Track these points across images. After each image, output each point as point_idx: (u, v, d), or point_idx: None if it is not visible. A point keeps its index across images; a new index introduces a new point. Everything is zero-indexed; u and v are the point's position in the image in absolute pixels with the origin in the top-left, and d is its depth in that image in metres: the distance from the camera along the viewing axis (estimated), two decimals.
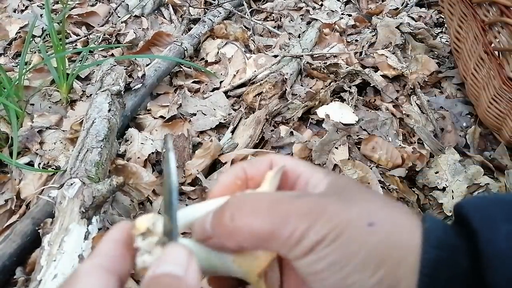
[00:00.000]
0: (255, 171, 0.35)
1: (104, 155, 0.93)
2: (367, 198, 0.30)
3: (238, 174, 0.35)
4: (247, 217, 0.28)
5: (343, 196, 0.30)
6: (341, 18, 1.76)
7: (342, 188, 0.31)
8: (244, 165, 0.35)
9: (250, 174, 0.35)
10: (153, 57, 1.45)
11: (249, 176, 0.35)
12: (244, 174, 0.35)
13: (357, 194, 0.30)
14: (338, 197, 0.30)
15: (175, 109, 1.23)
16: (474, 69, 1.19)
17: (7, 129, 1.12)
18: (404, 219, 0.29)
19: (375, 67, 1.45)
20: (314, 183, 0.33)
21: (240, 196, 0.31)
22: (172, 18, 1.77)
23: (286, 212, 0.28)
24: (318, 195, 0.31)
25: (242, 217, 0.28)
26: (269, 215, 0.28)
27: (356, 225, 0.27)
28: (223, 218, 0.29)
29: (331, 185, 0.32)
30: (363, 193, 0.31)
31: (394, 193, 1.01)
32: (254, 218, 0.28)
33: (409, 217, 0.29)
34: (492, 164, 1.08)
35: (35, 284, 0.68)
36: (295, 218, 0.27)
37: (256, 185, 0.34)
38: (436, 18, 1.75)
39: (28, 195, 0.98)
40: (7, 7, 1.73)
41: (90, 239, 0.77)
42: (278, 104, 1.24)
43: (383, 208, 0.29)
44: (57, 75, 1.24)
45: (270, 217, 0.28)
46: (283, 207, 0.28)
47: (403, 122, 1.25)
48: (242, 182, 0.34)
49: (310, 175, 0.33)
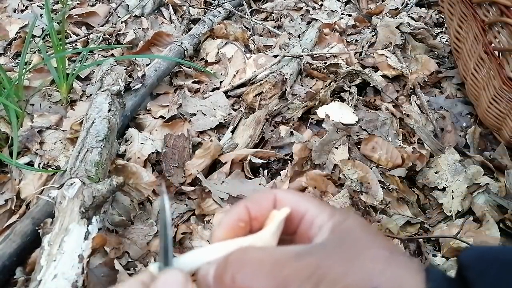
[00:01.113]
0: (259, 210, 0.35)
1: (104, 155, 0.93)
2: (371, 255, 0.30)
3: (241, 215, 0.35)
4: (248, 279, 0.29)
5: (346, 251, 0.30)
6: (341, 18, 1.76)
7: (346, 237, 0.31)
8: (248, 204, 0.35)
9: (254, 214, 0.35)
10: (153, 57, 1.45)
11: (253, 216, 0.35)
12: (247, 215, 0.35)
13: (361, 248, 0.30)
14: (341, 254, 0.29)
15: (175, 109, 1.23)
16: (474, 69, 1.19)
17: (7, 129, 1.12)
18: (408, 279, 0.29)
19: (375, 67, 1.45)
20: (318, 225, 0.33)
21: (242, 254, 0.31)
22: (172, 18, 1.77)
23: (287, 277, 0.28)
24: (319, 252, 0.30)
25: (243, 279, 0.29)
26: (270, 279, 0.28)
27: None
28: (224, 278, 0.29)
29: (334, 231, 0.32)
30: (369, 242, 0.31)
31: (394, 193, 1.01)
32: (255, 282, 0.29)
33: (413, 276, 0.29)
34: (492, 164, 1.08)
35: (35, 284, 0.68)
36: (296, 283, 0.28)
37: (260, 224, 0.35)
38: (436, 18, 1.75)
39: (28, 195, 0.98)
40: (7, 7, 1.73)
41: (90, 239, 0.77)
42: (278, 104, 1.24)
43: (388, 267, 0.29)
44: (57, 75, 1.24)
45: (271, 282, 0.28)
46: (284, 270, 0.28)
47: (403, 122, 1.25)
48: (246, 224, 0.35)
49: (315, 215, 0.33)
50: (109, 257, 0.84)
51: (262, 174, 1.07)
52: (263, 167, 1.09)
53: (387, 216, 0.97)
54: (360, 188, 1.01)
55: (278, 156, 1.10)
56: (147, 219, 0.95)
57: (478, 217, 0.97)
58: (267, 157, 1.10)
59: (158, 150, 1.09)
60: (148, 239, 0.91)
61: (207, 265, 0.31)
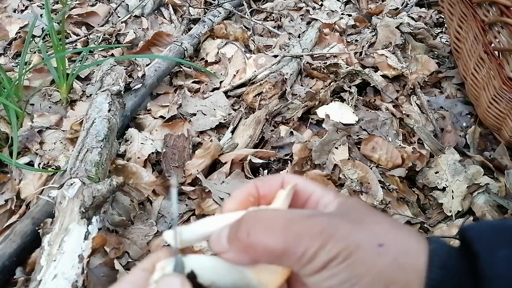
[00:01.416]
0: (267, 189, 0.36)
1: (104, 155, 0.93)
2: (376, 220, 0.31)
3: (251, 191, 0.36)
4: (262, 233, 0.30)
5: (353, 218, 0.31)
6: (341, 18, 1.76)
7: (352, 209, 0.33)
8: (257, 183, 0.37)
9: (262, 192, 0.36)
10: (153, 57, 1.45)
11: (261, 194, 0.36)
12: (257, 192, 0.36)
13: (366, 216, 0.32)
14: (348, 218, 0.31)
15: (175, 109, 1.23)
16: (474, 69, 1.19)
17: (7, 129, 1.12)
18: (411, 240, 0.30)
19: (375, 67, 1.45)
20: (324, 203, 0.34)
21: (256, 212, 0.32)
22: (172, 18, 1.77)
23: (299, 231, 0.29)
24: (329, 215, 0.32)
25: (257, 234, 0.30)
26: (283, 234, 0.29)
27: (366, 246, 0.29)
28: (240, 233, 0.30)
29: (340, 206, 0.33)
30: (372, 215, 0.32)
31: (394, 193, 1.01)
32: (269, 235, 0.30)
33: (416, 238, 0.31)
34: (492, 164, 1.08)
35: (35, 284, 0.68)
36: (308, 237, 0.29)
37: (267, 203, 0.36)
38: (436, 18, 1.75)
39: (28, 195, 0.98)
40: (7, 7, 1.73)
41: (90, 239, 0.77)
42: (278, 104, 1.24)
43: (391, 230, 0.31)
44: (57, 75, 1.24)
45: (284, 236, 0.29)
46: (297, 226, 0.30)
47: (403, 122, 1.25)
48: (255, 199, 0.36)
49: (321, 196, 0.35)
50: (109, 257, 0.84)
51: (262, 174, 1.07)
52: (263, 167, 1.09)
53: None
54: (360, 188, 1.01)
55: (278, 156, 1.10)
56: (147, 219, 0.95)
57: (478, 217, 0.97)
58: (267, 157, 1.10)
59: (158, 150, 1.09)
60: (148, 239, 0.91)
61: (219, 230, 0.32)
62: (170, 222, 0.96)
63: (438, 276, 0.29)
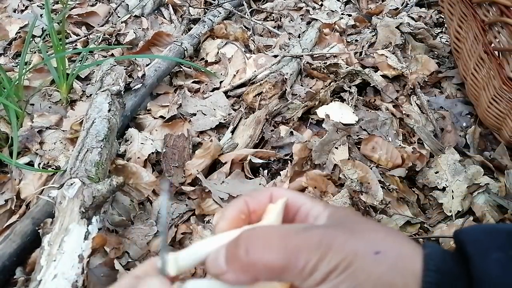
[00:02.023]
0: (257, 204, 0.37)
1: (104, 155, 0.93)
2: (370, 228, 0.32)
3: (241, 207, 0.36)
4: (261, 250, 0.30)
5: (347, 227, 0.32)
6: (341, 18, 1.76)
7: (344, 219, 0.33)
8: (246, 198, 0.37)
9: (252, 208, 0.36)
10: (153, 57, 1.45)
11: (251, 210, 0.36)
12: (247, 208, 0.36)
13: (360, 225, 0.32)
14: (343, 228, 0.31)
15: (175, 109, 1.23)
16: (474, 69, 1.19)
17: (7, 129, 1.12)
18: (406, 246, 0.31)
19: (375, 67, 1.45)
20: (314, 215, 0.35)
21: (252, 230, 0.32)
22: (172, 18, 1.77)
23: (298, 245, 0.29)
24: (324, 227, 0.32)
25: (256, 251, 0.30)
26: (282, 249, 0.30)
27: (364, 254, 0.29)
28: (238, 252, 0.30)
29: (331, 216, 0.34)
30: (365, 223, 0.33)
31: (394, 193, 1.01)
32: (268, 252, 0.30)
33: (410, 244, 0.31)
34: (492, 164, 1.08)
35: (35, 284, 0.68)
36: (307, 250, 0.29)
37: (258, 218, 0.36)
38: (436, 18, 1.75)
39: (28, 195, 0.98)
40: (7, 7, 1.73)
41: (90, 239, 0.77)
42: (278, 104, 1.24)
43: (386, 237, 0.31)
44: (57, 75, 1.24)
45: (283, 251, 0.29)
46: (295, 240, 0.30)
47: (403, 122, 1.25)
48: (246, 216, 0.36)
49: (310, 207, 0.35)
50: (109, 257, 0.84)
51: (262, 174, 1.07)
52: (263, 167, 1.09)
53: (387, 216, 0.97)
54: (360, 188, 1.01)
55: (278, 156, 1.10)
56: (147, 219, 0.95)
57: (478, 217, 0.97)
58: (267, 157, 1.10)
59: (158, 150, 1.09)
60: (148, 239, 0.91)
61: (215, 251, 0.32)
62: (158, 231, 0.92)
63: (434, 279, 0.29)
